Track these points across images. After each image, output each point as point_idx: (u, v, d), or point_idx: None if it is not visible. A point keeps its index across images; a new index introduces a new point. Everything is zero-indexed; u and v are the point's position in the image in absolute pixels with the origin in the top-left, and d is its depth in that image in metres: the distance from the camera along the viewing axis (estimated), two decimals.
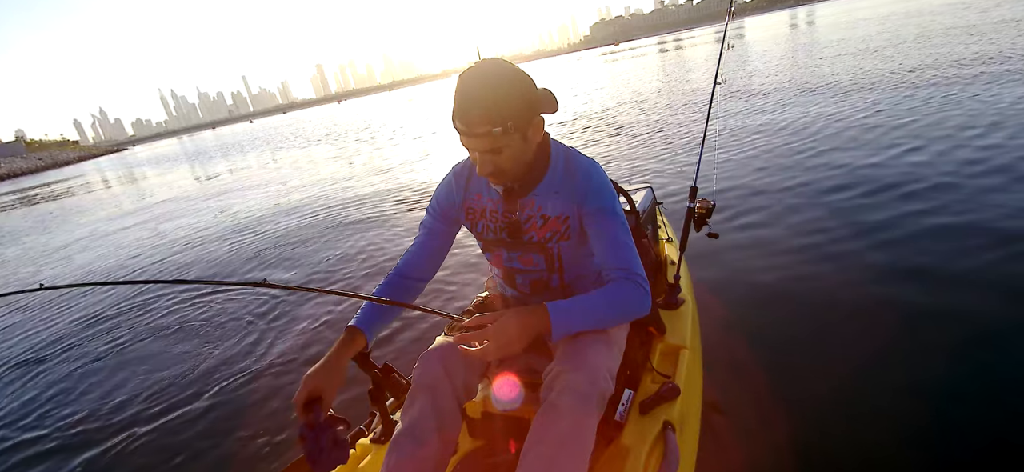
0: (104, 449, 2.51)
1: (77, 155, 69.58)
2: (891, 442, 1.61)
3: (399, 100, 56.68)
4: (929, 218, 3.04)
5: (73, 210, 13.36)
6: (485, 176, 1.11)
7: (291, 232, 6.11)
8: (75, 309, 4.73)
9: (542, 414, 1.03)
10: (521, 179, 1.17)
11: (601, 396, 1.04)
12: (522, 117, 1.04)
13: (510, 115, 1.02)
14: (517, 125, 1.04)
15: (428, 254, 1.32)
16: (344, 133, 22.36)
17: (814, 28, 26.22)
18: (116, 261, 6.58)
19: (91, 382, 3.25)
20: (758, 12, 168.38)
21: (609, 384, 1.07)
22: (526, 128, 1.07)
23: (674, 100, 10.80)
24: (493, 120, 1.01)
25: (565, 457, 0.97)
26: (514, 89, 1.02)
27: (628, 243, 1.15)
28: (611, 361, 1.11)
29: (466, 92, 1.01)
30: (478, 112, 1.01)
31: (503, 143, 1.04)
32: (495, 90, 1.01)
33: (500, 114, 1.01)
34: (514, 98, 1.02)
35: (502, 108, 1.01)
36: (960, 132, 4.56)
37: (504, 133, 1.02)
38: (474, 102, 1.01)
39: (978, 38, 10.30)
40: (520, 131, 1.05)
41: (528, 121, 1.06)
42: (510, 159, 1.08)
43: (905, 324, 2.16)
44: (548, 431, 0.99)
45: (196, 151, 32.33)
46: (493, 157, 1.07)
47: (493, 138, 1.02)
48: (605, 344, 1.12)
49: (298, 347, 3.11)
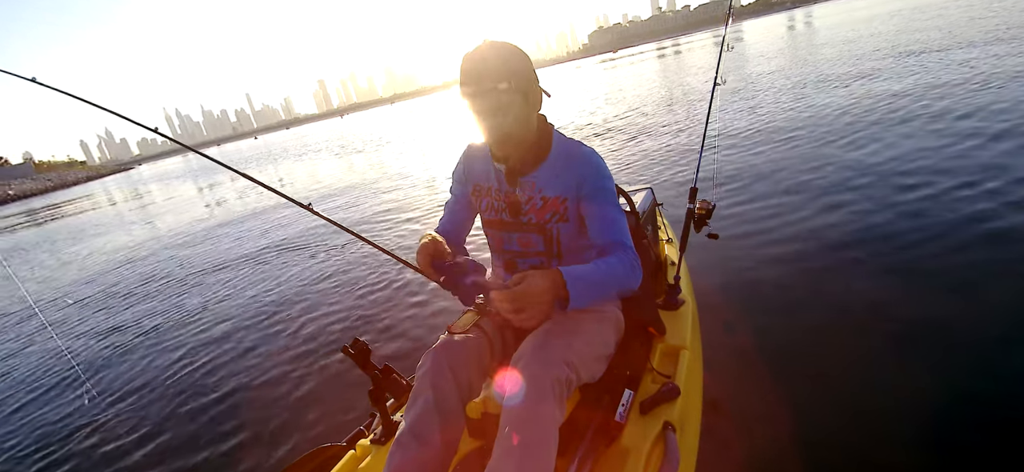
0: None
1: (85, 175, 70.32)
2: (891, 441, 1.60)
3: (401, 112, 57.07)
4: (930, 218, 3.03)
5: (124, 216, 13.49)
6: (493, 142, 1.20)
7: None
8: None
9: (503, 409, 1.06)
10: (523, 154, 1.24)
11: (557, 382, 1.05)
12: (525, 77, 1.14)
13: (514, 72, 1.12)
14: (520, 85, 1.14)
15: (459, 221, 1.44)
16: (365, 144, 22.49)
17: (813, 30, 26.25)
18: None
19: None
20: (755, 15, 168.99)
21: (566, 372, 1.08)
22: (528, 90, 1.16)
23: (673, 102, 10.84)
24: (500, 75, 1.11)
25: (522, 446, 0.99)
26: (516, 54, 1.14)
27: (620, 220, 1.21)
28: (570, 352, 1.12)
29: (473, 57, 1.12)
30: (485, 69, 1.11)
31: (508, 100, 1.13)
32: (499, 53, 1.12)
33: (506, 70, 1.11)
34: (516, 60, 1.13)
35: (508, 65, 1.12)
36: (967, 137, 4.52)
37: (509, 90, 1.12)
38: (481, 62, 1.11)
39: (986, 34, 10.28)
40: (523, 92, 1.15)
41: (530, 82, 1.16)
42: (515, 120, 1.16)
43: (905, 323, 2.14)
44: (508, 422, 1.03)
45: (201, 168, 32.64)
46: (501, 119, 1.15)
47: (498, 94, 1.12)
48: (570, 332, 1.15)
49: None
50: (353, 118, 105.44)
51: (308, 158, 21.33)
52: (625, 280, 1.16)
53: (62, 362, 3.96)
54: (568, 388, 1.09)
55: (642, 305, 1.44)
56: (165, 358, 3.46)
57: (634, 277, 1.17)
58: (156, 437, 2.56)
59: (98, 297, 5.66)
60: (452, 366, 1.17)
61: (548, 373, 1.05)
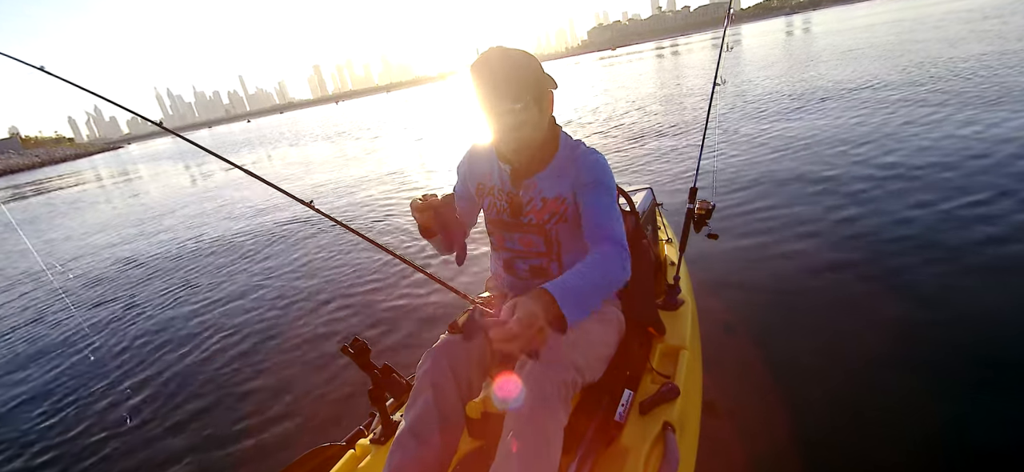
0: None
1: (74, 152, 69.11)
2: (891, 441, 1.61)
3: (397, 101, 56.69)
4: (930, 219, 3.05)
5: (117, 193, 13.27)
6: (511, 152, 1.23)
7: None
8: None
9: (508, 413, 1.05)
10: (533, 155, 1.24)
11: (563, 385, 1.05)
12: (537, 87, 1.15)
13: (527, 87, 1.12)
14: (534, 97, 1.14)
15: (462, 217, 1.42)
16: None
17: (810, 36, 26.38)
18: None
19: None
20: (754, 19, 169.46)
21: (573, 374, 1.08)
22: (541, 97, 1.17)
23: (673, 102, 10.85)
24: (516, 96, 1.11)
25: (527, 451, 0.98)
26: (528, 68, 1.13)
27: (611, 210, 1.19)
28: (576, 353, 1.12)
29: (485, 73, 1.11)
30: (502, 90, 1.11)
31: (524, 117, 1.14)
32: (511, 70, 1.11)
33: (520, 88, 1.11)
34: (529, 75, 1.13)
35: (521, 82, 1.11)
36: (969, 142, 4.55)
37: (525, 108, 1.13)
38: (495, 83, 1.11)
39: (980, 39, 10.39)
40: (538, 103, 1.16)
41: (543, 93, 1.17)
42: (531, 130, 1.18)
43: (905, 323, 2.17)
44: (511, 427, 1.02)
45: (191, 149, 32.19)
46: (518, 134, 1.16)
47: (515, 113, 1.13)
48: (575, 335, 1.14)
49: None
50: (348, 105, 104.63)
51: (303, 144, 21.11)
52: (612, 276, 1.09)
53: (62, 362, 3.90)
54: (573, 390, 1.08)
55: (642, 305, 1.44)
56: (163, 357, 3.40)
57: (622, 271, 1.11)
58: (154, 436, 2.53)
59: (89, 297, 5.55)
60: (452, 366, 1.17)
61: (554, 376, 1.05)
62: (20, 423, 2.89)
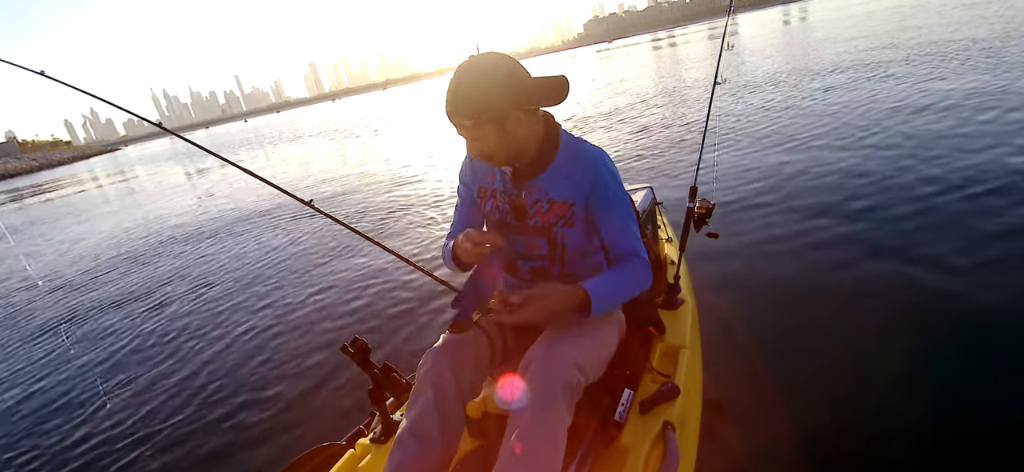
0: None
1: (71, 155, 68.85)
2: (892, 440, 1.62)
3: (394, 98, 56.43)
4: (931, 216, 3.05)
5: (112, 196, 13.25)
6: (474, 158, 1.23)
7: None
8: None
9: (512, 414, 1.06)
10: (517, 163, 1.22)
11: (567, 387, 1.06)
12: (497, 111, 1.09)
13: (482, 109, 1.08)
14: (493, 117, 1.09)
15: (470, 224, 1.41)
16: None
17: (808, 25, 26.26)
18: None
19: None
20: (750, 9, 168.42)
21: (577, 376, 1.09)
22: (504, 121, 1.11)
23: (672, 98, 10.80)
24: (465, 113, 1.09)
25: (532, 453, 0.99)
26: (493, 86, 1.08)
27: (634, 226, 1.23)
28: (580, 353, 1.13)
29: (451, 86, 1.10)
30: (456, 105, 1.09)
31: (478, 133, 1.11)
32: (473, 86, 1.08)
33: (471, 108, 1.08)
34: (491, 93, 1.08)
35: (475, 103, 1.08)
36: (971, 138, 4.48)
37: (476, 125, 1.10)
38: (453, 96, 1.09)
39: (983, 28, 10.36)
40: (496, 123, 1.10)
41: (505, 115, 1.10)
42: (491, 147, 1.14)
43: (905, 322, 2.17)
44: (516, 428, 1.03)
45: (187, 150, 32.09)
46: (476, 146, 1.15)
47: (467, 129, 1.11)
48: (578, 335, 1.15)
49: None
50: (345, 103, 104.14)
51: (303, 142, 21.05)
52: (638, 287, 1.20)
53: (59, 360, 3.91)
54: (577, 391, 1.09)
55: (642, 305, 1.44)
56: (162, 358, 3.42)
57: (646, 283, 1.22)
58: (153, 436, 2.54)
59: (88, 297, 5.57)
60: (453, 365, 1.17)
61: (559, 377, 1.06)
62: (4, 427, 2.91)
